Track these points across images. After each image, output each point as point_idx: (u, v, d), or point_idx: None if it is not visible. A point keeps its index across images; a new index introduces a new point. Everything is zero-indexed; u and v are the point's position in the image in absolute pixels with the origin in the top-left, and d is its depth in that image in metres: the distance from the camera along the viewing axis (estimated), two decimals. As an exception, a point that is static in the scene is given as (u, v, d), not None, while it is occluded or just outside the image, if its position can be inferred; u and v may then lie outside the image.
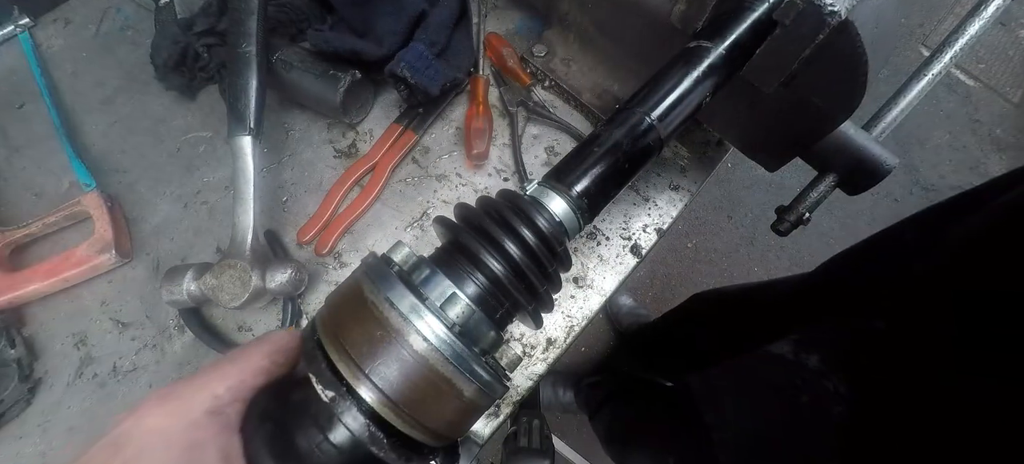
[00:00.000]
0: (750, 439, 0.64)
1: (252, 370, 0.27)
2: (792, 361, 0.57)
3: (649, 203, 0.61)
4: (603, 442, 1.22)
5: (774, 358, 0.59)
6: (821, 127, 0.45)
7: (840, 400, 0.51)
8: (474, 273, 0.31)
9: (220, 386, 0.25)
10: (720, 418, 0.68)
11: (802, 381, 0.55)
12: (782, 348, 0.58)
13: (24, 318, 0.57)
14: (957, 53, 0.52)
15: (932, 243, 0.50)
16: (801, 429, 0.55)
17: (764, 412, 0.62)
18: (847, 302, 0.58)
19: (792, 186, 1.89)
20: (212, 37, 0.63)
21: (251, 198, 0.52)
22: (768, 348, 0.60)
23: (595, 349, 1.68)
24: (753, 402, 0.65)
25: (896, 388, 0.46)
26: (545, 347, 0.55)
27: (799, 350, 0.56)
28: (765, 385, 0.63)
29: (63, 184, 0.63)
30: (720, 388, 0.72)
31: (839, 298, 0.60)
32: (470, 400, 0.28)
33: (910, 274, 0.50)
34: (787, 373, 0.57)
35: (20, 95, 0.68)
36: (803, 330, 0.59)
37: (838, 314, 0.57)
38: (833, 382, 0.52)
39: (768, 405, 0.62)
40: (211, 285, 0.50)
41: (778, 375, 0.60)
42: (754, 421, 0.64)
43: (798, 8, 0.35)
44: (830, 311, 0.59)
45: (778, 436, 0.59)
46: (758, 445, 0.62)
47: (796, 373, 0.56)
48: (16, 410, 0.53)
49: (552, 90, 0.66)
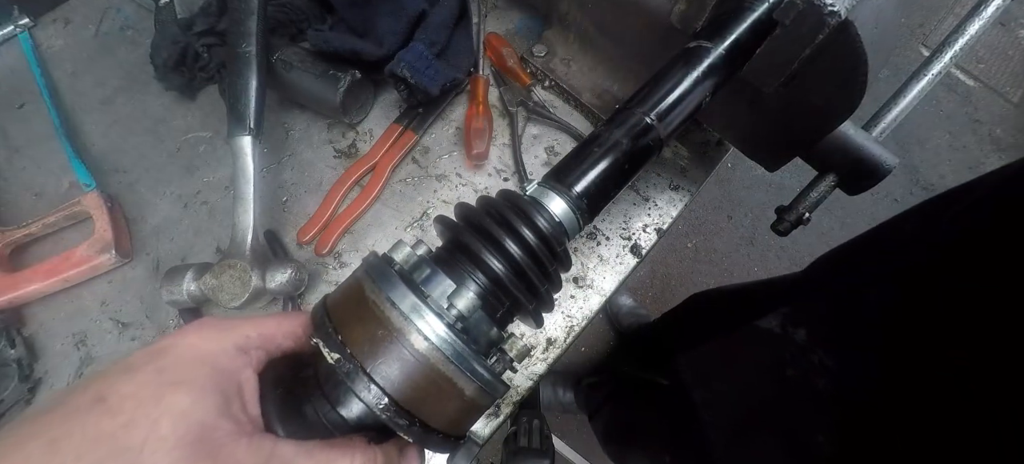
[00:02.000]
0: (737, 415, 0.64)
1: (283, 331, 0.30)
2: (779, 335, 0.57)
3: (649, 203, 0.61)
4: (601, 441, 1.22)
5: (762, 334, 0.60)
6: (821, 127, 0.45)
7: (825, 372, 0.52)
8: (475, 272, 0.31)
9: (252, 331, 0.29)
10: (708, 396, 0.69)
11: (789, 356, 0.56)
12: (770, 323, 0.59)
13: (24, 318, 0.57)
14: (957, 53, 0.52)
15: (926, 232, 0.51)
16: (786, 402, 0.56)
17: (750, 387, 0.63)
18: (838, 281, 0.58)
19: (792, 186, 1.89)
20: (212, 37, 0.63)
21: (251, 198, 0.52)
22: (756, 324, 0.61)
23: (595, 349, 1.68)
24: (740, 378, 0.66)
25: (880, 361, 0.47)
26: (545, 347, 0.55)
27: (787, 324, 0.57)
28: (751, 361, 0.64)
29: (63, 184, 0.63)
30: (708, 366, 0.73)
31: (831, 280, 0.61)
32: (471, 399, 0.28)
33: (905, 258, 0.50)
34: (774, 348, 0.58)
35: (20, 95, 0.68)
36: (791, 305, 0.59)
37: (828, 290, 0.58)
38: (819, 355, 0.52)
39: (754, 380, 0.63)
40: (211, 285, 0.50)
41: (765, 351, 0.61)
42: (741, 396, 0.64)
43: (798, 8, 0.35)
44: (821, 289, 0.60)
45: (764, 410, 0.60)
46: (745, 420, 0.63)
47: (783, 348, 0.57)
48: (16, 410, 0.53)
49: (552, 90, 0.66)
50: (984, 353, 0.38)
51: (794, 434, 0.55)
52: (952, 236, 0.47)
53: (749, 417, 0.62)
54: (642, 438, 0.99)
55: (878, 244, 0.58)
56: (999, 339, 0.36)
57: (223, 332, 0.28)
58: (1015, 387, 0.35)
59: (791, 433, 0.55)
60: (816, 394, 0.53)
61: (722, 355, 0.72)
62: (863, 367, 0.49)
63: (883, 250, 0.57)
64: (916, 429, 0.42)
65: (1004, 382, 0.35)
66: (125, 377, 0.25)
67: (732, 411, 0.66)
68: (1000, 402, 0.36)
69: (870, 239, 0.60)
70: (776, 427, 0.58)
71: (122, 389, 0.24)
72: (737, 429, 0.64)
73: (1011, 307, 0.36)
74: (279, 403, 0.29)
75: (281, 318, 0.31)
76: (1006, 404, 0.35)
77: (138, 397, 0.24)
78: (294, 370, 0.30)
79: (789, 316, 0.58)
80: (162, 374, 0.25)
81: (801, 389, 0.54)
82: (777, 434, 0.58)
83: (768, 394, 0.59)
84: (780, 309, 0.59)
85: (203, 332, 0.28)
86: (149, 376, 0.25)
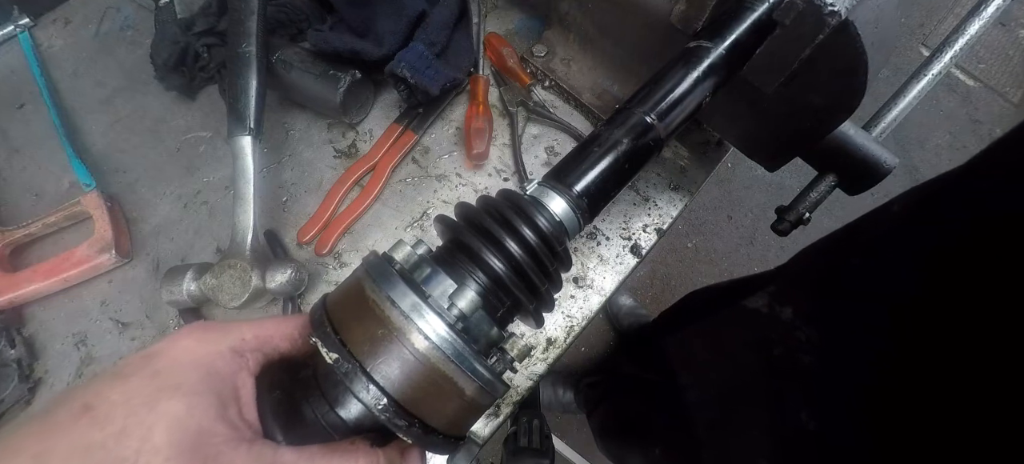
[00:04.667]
0: (721, 395, 0.64)
1: (280, 333, 0.30)
2: (766, 314, 0.57)
3: (649, 203, 0.61)
4: (597, 437, 1.22)
5: (748, 313, 0.59)
6: (821, 127, 0.45)
7: (810, 349, 0.51)
8: (475, 272, 0.31)
9: (248, 333, 0.29)
10: (693, 378, 0.68)
11: (776, 334, 0.55)
12: (757, 302, 0.59)
13: (24, 318, 0.57)
14: (957, 53, 0.52)
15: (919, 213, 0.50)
16: (771, 380, 0.56)
17: (735, 367, 0.63)
18: (823, 260, 0.58)
19: (792, 186, 1.89)
20: (212, 37, 0.63)
21: (251, 198, 0.52)
22: (743, 303, 0.60)
23: (595, 349, 1.68)
24: (725, 358, 0.65)
25: (866, 338, 0.46)
26: (545, 347, 0.55)
27: (773, 303, 0.57)
28: (737, 340, 0.63)
29: (63, 184, 0.63)
30: (693, 347, 0.73)
31: (818, 261, 0.60)
32: (471, 398, 0.28)
33: (894, 239, 0.50)
34: (760, 327, 0.58)
35: (20, 95, 0.68)
36: (778, 284, 0.59)
37: (814, 270, 0.58)
38: (805, 332, 0.52)
39: (740, 360, 0.62)
40: (211, 285, 0.50)
41: (750, 330, 0.60)
42: (725, 376, 0.64)
43: (798, 8, 0.35)
44: (807, 270, 0.60)
45: (748, 390, 0.60)
46: (728, 400, 0.62)
47: (769, 327, 0.56)
48: (16, 410, 0.53)
49: (552, 90, 0.66)
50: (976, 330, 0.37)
51: (778, 412, 0.54)
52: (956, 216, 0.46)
53: (733, 397, 0.62)
54: (636, 432, 0.99)
55: (864, 230, 0.58)
56: (989, 314, 0.36)
57: (217, 335, 0.27)
58: (1000, 361, 0.35)
59: (775, 411, 0.55)
60: (801, 371, 0.52)
61: (707, 336, 0.71)
62: (849, 343, 0.48)
63: (871, 234, 0.56)
64: (902, 403, 0.42)
65: (990, 356, 0.35)
66: (114, 384, 0.24)
67: (716, 392, 0.65)
68: (986, 374, 0.36)
69: (854, 227, 0.59)
70: (760, 406, 0.57)
71: (111, 396, 0.23)
72: (721, 409, 0.63)
73: (999, 288, 0.36)
74: (277, 406, 0.28)
75: (277, 320, 0.30)
76: (992, 376, 0.35)
77: (129, 404, 0.23)
78: (292, 372, 0.30)
79: (776, 295, 0.57)
80: (155, 379, 0.24)
81: (786, 366, 0.54)
82: (761, 413, 0.57)
83: (753, 373, 0.59)
84: (767, 289, 0.59)
85: (197, 335, 0.27)
86: (141, 382, 0.24)
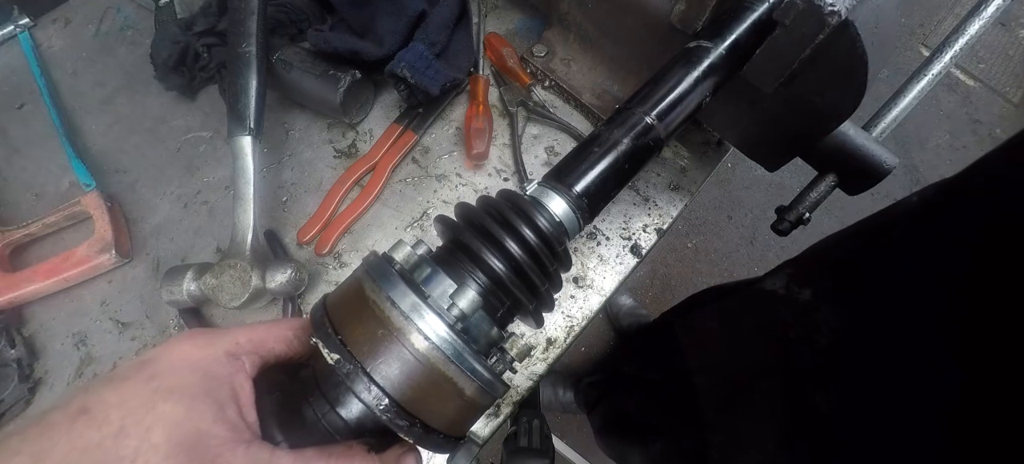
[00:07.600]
0: (731, 379, 0.62)
1: (275, 335, 0.30)
2: (783, 296, 0.56)
3: (649, 203, 0.61)
4: (597, 433, 1.21)
5: (765, 295, 0.58)
6: (821, 127, 0.45)
7: (828, 330, 0.50)
8: (475, 272, 0.31)
9: (243, 337, 0.29)
10: (703, 361, 0.67)
11: (792, 316, 0.54)
12: (775, 283, 0.57)
13: (24, 318, 0.57)
14: (957, 53, 0.52)
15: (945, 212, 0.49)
16: (786, 363, 0.55)
17: (749, 349, 0.61)
18: (845, 246, 0.57)
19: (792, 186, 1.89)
20: (212, 37, 0.63)
21: (251, 198, 0.52)
22: (761, 285, 0.59)
23: (595, 349, 1.68)
24: (738, 340, 0.64)
25: (884, 317, 0.46)
26: (545, 347, 0.55)
27: (792, 284, 0.56)
28: (752, 322, 0.62)
29: (63, 184, 0.63)
30: (705, 330, 0.71)
31: (840, 244, 0.60)
32: (471, 398, 0.28)
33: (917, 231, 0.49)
34: (776, 309, 0.57)
35: (20, 95, 0.68)
36: (797, 265, 0.58)
37: (835, 254, 0.56)
38: (823, 313, 0.51)
39: (753, 342, 0.61)
40: (211, 285, 0.50)
41: (766, 312, 0.59)
42: (737, 359, 0.63)
43: (798, 8, 0.35)
44: (827, 253, 0.59)
45: (760, 373, 0.58)
46: (739, 384, 0.61)
47: (787, 308, 0.55)
48: (16, 410, 0.53)
49: (552, 90, 0.66)
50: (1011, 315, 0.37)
51: (791, 394, 0.53)
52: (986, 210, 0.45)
53: (744, 378, 0.60)
54: (637, 428, 0.99)
55: (892, 219, 0.57)
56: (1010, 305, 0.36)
57: (213, 339, 0.28)
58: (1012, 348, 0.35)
59: (788, 393, 0.54)
60: (817, 352, 0.51)
61: (721, 317, 0.70)
62: (871, 327, 0.47)
63: (900, 223, 0.55)
64: (918, 387, 0.41)
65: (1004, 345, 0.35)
66: (111, 387, 0.24)
67: (726, 373, 0.64)
68: (998, 361, 0.35)
69: (881, 216, 0.59)
70: (773, 388, 0.56)
71: (108, 399, 0.24)
72: (730, 393, 0.62)
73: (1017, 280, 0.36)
74: (276, 407, 0.28)
75: (271, 324, 0.31)
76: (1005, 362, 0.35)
77: (127, 406, 0.23)
78: (291, 374, 0.30)
79: (794, 276, 0.56)
80: (152, 382, 0.25)
81: (803, 348, 0.53)
82: (773, 395, 0.56)
83: (767, 355, 0.58)
84: (785, 271, 0.57)
85: (192, 340, 0.28)
86: (138, 385, 0.24)
